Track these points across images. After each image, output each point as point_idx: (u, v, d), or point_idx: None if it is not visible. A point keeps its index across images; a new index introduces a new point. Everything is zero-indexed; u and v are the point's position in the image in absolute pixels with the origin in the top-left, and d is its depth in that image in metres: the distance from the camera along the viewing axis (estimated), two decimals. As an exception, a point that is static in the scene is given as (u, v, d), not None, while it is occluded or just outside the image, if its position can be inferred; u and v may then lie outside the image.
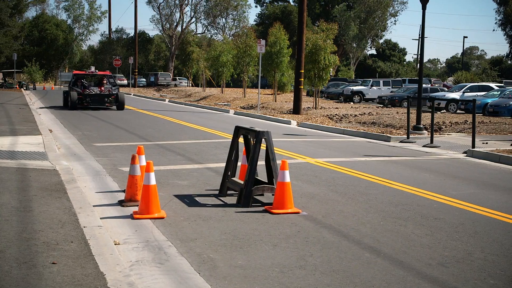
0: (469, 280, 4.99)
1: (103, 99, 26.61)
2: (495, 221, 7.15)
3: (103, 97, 26.59)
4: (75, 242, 5.41)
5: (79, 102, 26.12)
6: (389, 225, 6.78)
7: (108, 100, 26.64)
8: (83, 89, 26.47)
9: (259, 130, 7.69)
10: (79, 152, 12.21)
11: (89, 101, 26.38)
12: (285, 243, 5.97)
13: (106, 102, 26.69)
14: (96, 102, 26.58)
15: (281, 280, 4.92)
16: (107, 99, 26.63)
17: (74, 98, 25.60)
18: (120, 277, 4.53)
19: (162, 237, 6.10)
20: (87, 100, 26.33)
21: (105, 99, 26.61)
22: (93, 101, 26.50)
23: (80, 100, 26.16)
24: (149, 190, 6.85)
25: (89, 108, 26.51)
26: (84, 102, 26.31)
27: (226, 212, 7.27)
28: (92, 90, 26.65)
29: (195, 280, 4.90)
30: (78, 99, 25.95)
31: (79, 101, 26.11)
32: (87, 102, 26.36)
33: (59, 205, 6.83)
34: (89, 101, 26.37)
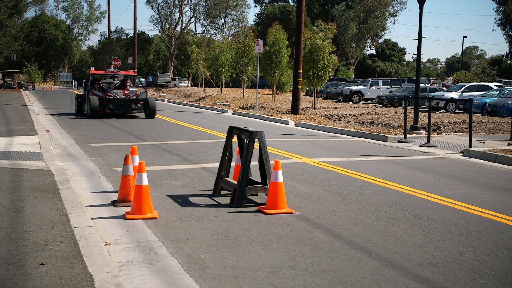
0: (460, 280, 4.98)
1: (130, 105, 22.02)
2: (488, 221, 7.13)
3: (130, 103, 21.97)
4: (64, 243, 5.40)
5: (101, 109, 21.44)
6: (381, 225, 6.76)
7: (136, 106, 22.10)
8: (105, 93, 21.90)
9: (252, 130, 7.68)
10: (75, 153, 12.20)
11: (113, 108, 21.67)
12: (276, 243, 5.95)
13: (133, 109, 22.15)
14: (122, 108, 21.96)
15: (270, 280, 4.90)
16: (134, 105, 22.08)
17: (95, 104, 20.93)
18: (108, 278, 4.51)
19: (154, 237, 6.09)
20: (110, 107, 21.67)
21: (132, 105, 22.02)
22: (118, 108, 21.83)
23: (102, 107, 21.46)
24: (141, 190, 6.83)
25: (111, 116, 22.08)
26: (106, 109, 21.63)
27: (219, 212, 7.26)
28: (116, 94, 21.94)
29: (184, 280, 4.88)
30: (100, 105, 21.31)
31: (101, 108, 21.43)
32: (110, 109, 21.68)
33: (51, 206, 6.82)
34: (113, 108, 21.67)
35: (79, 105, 23.71)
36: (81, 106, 23.51)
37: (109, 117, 21.78)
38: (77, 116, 22.46)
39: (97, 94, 21.70)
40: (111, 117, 21.82)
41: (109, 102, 21.66)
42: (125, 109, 22.07)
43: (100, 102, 21.36)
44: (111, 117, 21.91)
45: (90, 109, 21.07)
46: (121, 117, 22.11)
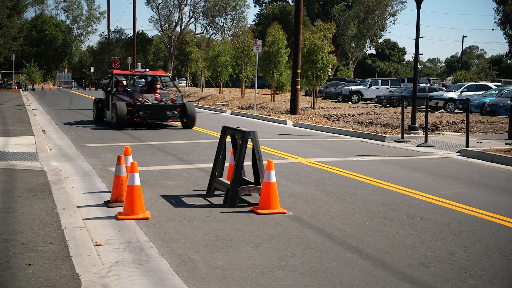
0: (449, 280, 4.96)
1: (165, 113, 18.08)
2: (481, 220, 7.11)
3: (164, 110, 18.07)
4: (54, 243, 5.38)
5: (129, 117, 17.69)
6: (374, 225, 6.75)
7: (171, 114, 18.18)
8: (133, 98, 18.15)
9: (245, 130, 7.66)
10: (71, 153, 12.19)
11: (144, 116, 17.77)
12: (267, 244, 5.93)
13: (168, 117, 18.26)
14: (155, 117, 17.97)
15: (259, 281, 4.88)
16: (170, 113, 18.16)
17: (123, 112, 17.12)
18: (95, 279, 4.49)
19: (145, 237, 6.07)
20: (141, 115, 17.77)
21: (167, 112, 18.10)
22: (150, 116, 17.83)
23: (130, 114, 17.69)
24: (133, 191, 6.81)
25: (141, 126, 18.29)
26: (135, 117, 17.84)
27: (211, 212, 7.24)
28: (147, 99, 18.16)
29: (173, 281, 4.87)
30: (127, 112, 17.48)
31: (129, 116, 17.68)
32: (141, 117, 17.79)
33: (42, 206, 6.80)
34: (143, 116, 17.77)
35: (98, 111, 19.82)
36: (101, 112, 19.76)
37: (138, 127, 18.01)
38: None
39: (124, 99, 17.94)
40: (141, 127, 18.04)
41: (139, 109, 17.69)
42: (159, 117, 18.01)
43: (128, 108, 17.49)
44: (141, 127, 18.16)
45: (117, 117, 17.12)
46: (152, 127, 18.35)
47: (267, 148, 13.59)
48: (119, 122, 17.15)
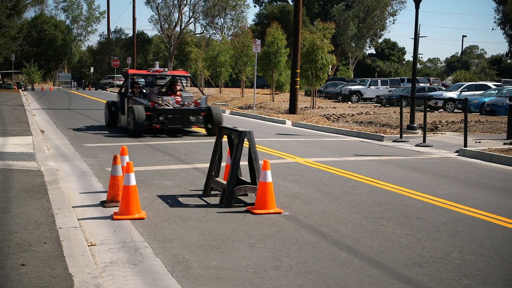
0: (444, 280, 4.95)
1: (188, 118, 16.08)
2: (478, 220, 7.10)
3: (188, 115, 16.08)
4: (48, 243, 5.37)
5: (147, 123, 15.72)
6: (370, 225, 6.74)
7: (195, 119, 16.16)
8: (152, 101, 16.21)
9: (241, 130, 7.65)
10: (68, 153, 12.18)
11: (165, 122, 15.80)
12: (262, 244, 5.92)
13: (192, 123, 16.17)
14: (177, 122, 16.00)
15: (253, 281, 4.87)
16: (193, 118, 16.14)
17: (141, 117, 15.26)
18: (88, 279, 4.49)
19: (140, 238, 6.06)
20: (161, 120, 15.81)
21: (190, 117, 16.10)
22: (172, 122, 15.89)
23: (148, 120, 15.72)
24: (129, 191, 6.80)
25: (161, 133, 16.38)
26: (155, 123, 15.85)
27: (207, 212, 7.23)
28: (167, 102, 16.30)
29: (166, 281, 4.86)
30: (146, 118, 15.58)
31: (147, 122, 15.69)
32: (161, 123, 15.81)
33: (37, 206, 6.80)
34: (164, 122, 15.80)
35: (111, 116, 17.99)
36: (114, 117, 17.93)
37: (157, 135, 16.12)
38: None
39: (141, 102, 16.00)
40: (161, 135, 16.13)
41: (159, 114, 15.73)
42: (181, 123, 16.04)
43: (146, 113, 15.52)
44: (161, 134, 16.25)
45: (134, 123, 15.20)
46: (173, 134, 16.41)
47: (265, 148, 13.59)
48: (137, 128, 15.19)
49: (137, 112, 15.26)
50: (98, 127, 18.37)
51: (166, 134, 16.21)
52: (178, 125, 16.07)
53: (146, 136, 15.62)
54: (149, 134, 15.93)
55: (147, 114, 15.54)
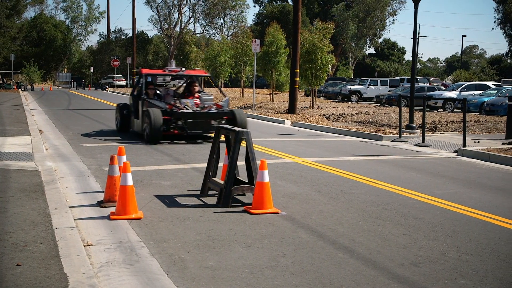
0: (440, 280, 4.94)
1: (209, 123, 14.34)
2: (475, 220, 7.09)
3: (209, 119, 14.39)
4: (44, 243, 5.37)
5: (164, 128, 14.07)
6: (367, 225, 6.73)
7: (217, 124, 13.79)
8: (169, 103, 14.60)
9: (238, 130, 7.64)
10: (66, 153, 12.17)
11: (184, 127, 14.16)
12: (259, 244, 5.91)
13: (214, 128, 12.77)
14: (197, 127, 14.32)
15: (249, 281, 4.86)
16: (215, 122, 14.24)
17: (158, 121, 13.68)
18: (83, 279, 4.48)
19: (136, 238, 6.05)
20: (180, 125, 14.22)
21: (211, 122, 14.35)
22: (192, 127, 14.22)
23: (166, 124, 14.07)
24: (126, 191, 6.79)
25: (179, 139, 14.77)
26: (173, 128, 14.27)
27: (204, 212, 7.22)
28: (186, 105, 14.62)
29: (162, 281, 4.85)
30: (164, 122, 13.93)
31: (164, 126, 14.02)
32: (180, 128, 14.22)
33: (34, 206, 6.79)
34: (183, 127, 14.17)
35: (123, 120, 16.39)
36: (126, 121, 16.35)
37: (175, 141, 14.51)
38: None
39: (158, 105, 14.49)
40: (179, 141, 14.52)
41: (178, 118, 14.13)
42: (202, 128, 14.32)
43: (163, 117, 13.89)
44: (179, 140, 14.64)
45: (151, 128, 13.65)
46: (192, 140, 14.71)
47: (263, 147, 13.58)
48: (154, 134, 13.61)
49: (153, 116, 13.61)
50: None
51: (185, 141, 14.59)
52: (199, 130, 14.34)
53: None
54: (166, 141, 14.38)
55: (164, 119, 13.86)
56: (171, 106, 14.43)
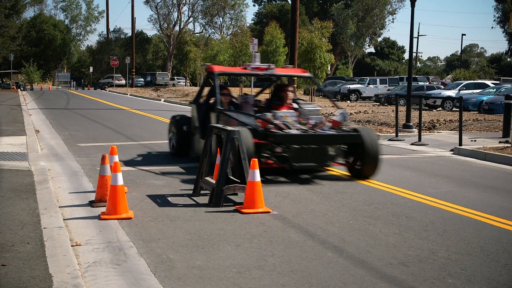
0: (428, 280, 4.92)
1: (325, 151, 9.25)
2: (466, 219, 7.07)
3: (324, 144, 9.29)
4: (31, 244, 5.35)
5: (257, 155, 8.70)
6: (358, 224, 6.70)
7: (335, 152, 9.50)
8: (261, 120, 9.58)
9: (229, 129, 7.63)
10: (61, 153, 12.15)
11: (289, 157, 9.02)
12: (248, 243, 5.89)
13: (331, 159, 9.37)
14: (309, 157, 9.10)
15: (236, 280, 4.84)
16: (333, 150, 9.43)
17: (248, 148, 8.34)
18: (68, 279, 4.46)
19: (125, 237, 6.03)
20: (280, 154, 9.21)
21: (328, 149, 9.30)
22: (301, 156, 9.04)
23: (258, 151, 8.96)
24: (116, 190, 6.77)
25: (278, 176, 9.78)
26: (268, 157, 9.24)
27: (196, 212, 7.20)
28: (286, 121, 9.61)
29: (149, 281, 4.83)
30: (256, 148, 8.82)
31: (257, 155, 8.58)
32: (282, 158, 9.19)
33: (24, 206, 6.77)
34: (287, 157, 9.06)
35: (182, 138, 11.51)
36: (187, 141, 11.49)
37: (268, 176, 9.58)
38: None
39: (243, 121, 9.54)
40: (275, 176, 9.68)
41: (278, 143, 9.14)
42: (316, 158, 9.17)
43: (254, 140, 8.88)
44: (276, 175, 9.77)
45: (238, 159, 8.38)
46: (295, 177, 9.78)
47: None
48: None
49: (244, 141, 8.19)
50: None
51: (284, 177, 9.64)
52: (310, 162, 9.08)
53: None
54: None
55: (255, 143, 8.78)
56: (264, 123, 9.32)
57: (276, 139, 9.05)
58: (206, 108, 11.14)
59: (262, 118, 9.60)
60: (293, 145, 8.98)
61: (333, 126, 9.75)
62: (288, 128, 9.36)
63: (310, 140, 9.17)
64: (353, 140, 9.59)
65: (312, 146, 9.09)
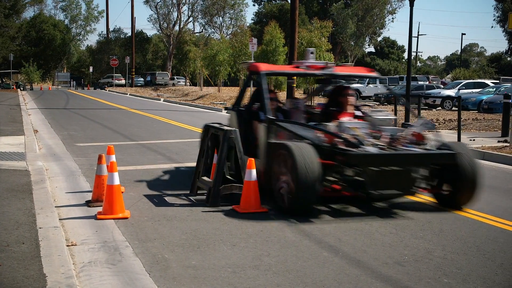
0: (423, 279, 4.91)
1: (410, 175, 7.02)
2: (463, 218, 7.06)
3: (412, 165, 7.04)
4: (26, 244, 5.34)
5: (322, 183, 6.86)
6: (354, 224, 6.69)
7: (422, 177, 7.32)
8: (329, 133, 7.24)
9: (226, 129, 7.62)
10: (59, 152, 12.15)
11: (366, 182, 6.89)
12: (244, 243, 5.89)
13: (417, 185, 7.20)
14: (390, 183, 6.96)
15: (231, 280, 4.84)
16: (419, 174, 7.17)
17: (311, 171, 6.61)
18: (62, 279, 4.45)
19: (121, 237, 6.02)
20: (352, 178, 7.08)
21: (411, 173, 7.02)
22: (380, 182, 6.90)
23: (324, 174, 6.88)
24: (112, 190, 6.77)
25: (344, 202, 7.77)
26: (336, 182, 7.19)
27: (192, 211, 7.19)
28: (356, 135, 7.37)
29: (143, 281, 4.82)
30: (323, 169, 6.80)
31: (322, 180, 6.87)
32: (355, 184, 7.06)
33: (20, 206, 6.77)
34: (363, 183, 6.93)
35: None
36: None
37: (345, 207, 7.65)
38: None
39: (302, 134, 7.37)
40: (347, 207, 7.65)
41: (352, 164, 6.97)
42: (398, 184, 7.07)
43: (321, 161, 6.85)
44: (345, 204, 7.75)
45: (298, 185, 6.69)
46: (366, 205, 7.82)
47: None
48: (303, 195, 6.77)
49: (302, 159, 6.69)
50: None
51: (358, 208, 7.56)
52: (393, 188, 7.08)
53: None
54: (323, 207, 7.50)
55: (322, 164, 6.87)
56: (330, 136, 7.21)
57: (351, 160, 6.82)
58: (249, 116, 8.98)
59: (326, 131, 7.37)
60: (371, 167, 6.85)
61: (416, 141, 7.55)
62: (361, 143, 7.11)
63: (394, 160, 7.02)
64: (447, 160, 7.40)
65: (395, 168, 6.93)
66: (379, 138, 7.56)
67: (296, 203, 6.88)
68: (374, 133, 7.71)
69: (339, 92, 8.80)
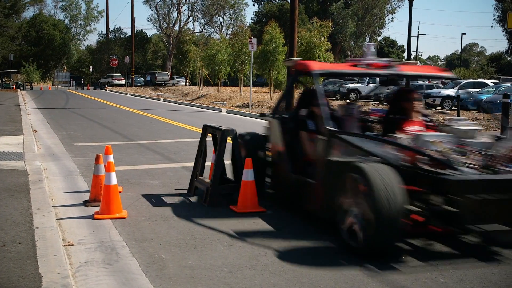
0: (419, 279, 4.90)
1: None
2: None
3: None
4: (22, 244, 5.34)
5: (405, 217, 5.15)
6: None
7: None
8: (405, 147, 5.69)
9: (224, 129, 7.62)
10: (58, 152, 12.14)
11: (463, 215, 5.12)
12: (241, 243, 5.88)
13: None
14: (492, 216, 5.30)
15: (227, 280, 4.83)
16: None
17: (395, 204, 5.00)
18: (57, 279, 4.45)
19: (118, 237, 6.02)
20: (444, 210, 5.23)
21: None
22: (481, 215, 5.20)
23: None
24: (110, 190, 6.76)
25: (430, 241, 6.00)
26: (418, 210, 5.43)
27: (189, 211, 7.19)
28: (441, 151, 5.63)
29: (139, 281, 4.82)
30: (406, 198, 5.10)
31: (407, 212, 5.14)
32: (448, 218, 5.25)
33: (17, 206, 6.76)
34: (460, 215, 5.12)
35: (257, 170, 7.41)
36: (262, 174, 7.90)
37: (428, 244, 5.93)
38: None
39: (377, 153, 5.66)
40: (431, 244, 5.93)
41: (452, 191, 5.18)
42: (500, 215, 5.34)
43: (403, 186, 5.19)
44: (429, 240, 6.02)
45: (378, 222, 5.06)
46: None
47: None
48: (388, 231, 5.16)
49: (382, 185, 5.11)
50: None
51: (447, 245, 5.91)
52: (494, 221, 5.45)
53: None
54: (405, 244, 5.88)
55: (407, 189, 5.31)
56: (413, 155, 5.74)
57: (449, 186, 5.21)
58: (296, 125, 7.49)
59: (406, 146, 5.81)
60: (471, 194, 5.18)
61: None
62: (451, 163, 5.49)
63: (499, 187, 5.32)
64: None
65: (498, 197, 5.27)
66: (466, 154, 5.86)
67: (376, 242, 5.24)
68: (459, 148, 5.97)
69: (403, 96, 7.33)
